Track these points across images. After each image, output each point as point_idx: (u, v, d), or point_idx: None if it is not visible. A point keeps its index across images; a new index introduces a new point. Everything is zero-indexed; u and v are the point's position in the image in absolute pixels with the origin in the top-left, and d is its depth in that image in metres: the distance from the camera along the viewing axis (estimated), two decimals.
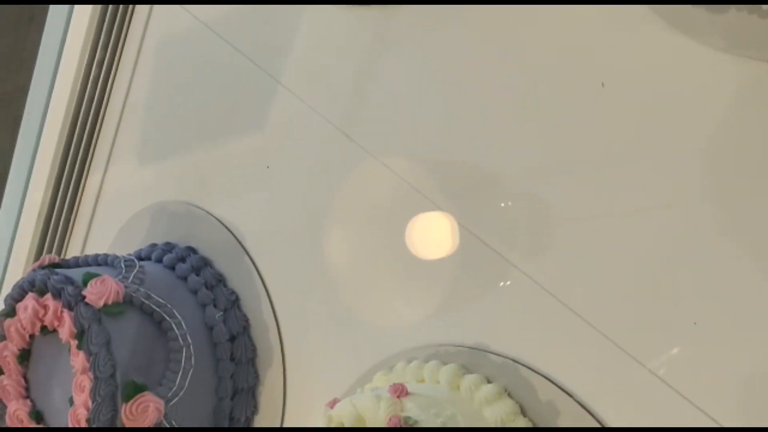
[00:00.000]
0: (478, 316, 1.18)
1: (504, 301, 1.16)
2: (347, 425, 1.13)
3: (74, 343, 1.32)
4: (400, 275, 1.26)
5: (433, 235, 1.26)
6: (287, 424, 1.39)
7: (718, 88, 1.01)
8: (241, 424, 1.42)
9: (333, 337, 1.34)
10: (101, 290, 1.33)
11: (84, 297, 1.33)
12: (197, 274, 1.46)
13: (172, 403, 1.33)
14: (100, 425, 1.29)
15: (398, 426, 1.06)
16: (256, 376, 1.42)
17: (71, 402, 1.34)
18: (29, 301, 1.38)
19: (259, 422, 1.43)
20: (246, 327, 1.43)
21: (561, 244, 1.11)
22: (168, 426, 1.33)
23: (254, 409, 1.43)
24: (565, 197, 1.11)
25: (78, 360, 1.32)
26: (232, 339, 1.42)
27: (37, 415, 1.42)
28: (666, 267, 1.03)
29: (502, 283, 1.16)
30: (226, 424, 1.41)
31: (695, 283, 1.00)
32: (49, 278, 1.36)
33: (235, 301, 1.44)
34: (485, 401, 1.12)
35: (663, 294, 1.02)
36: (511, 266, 1.14)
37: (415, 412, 1.08)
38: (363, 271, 1.32)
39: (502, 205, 1.17)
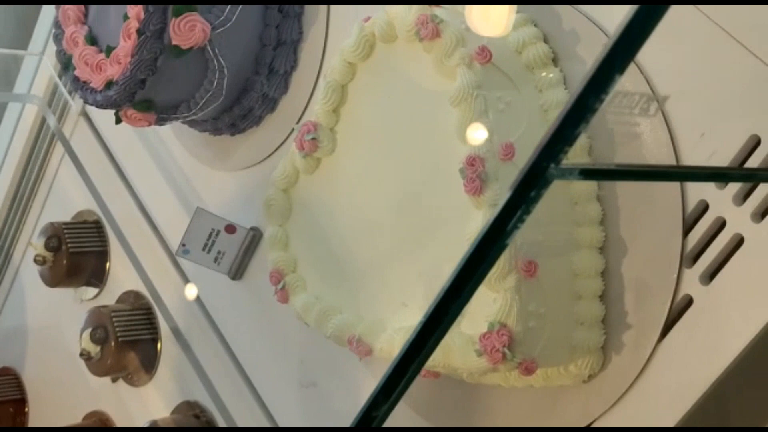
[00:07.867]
0: None
1: None
2: (377, 33, 1.19)
3: None
4: None
5: None
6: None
7: None
8: (279, 76, 1.49)
9: None
10: None
11: None
12: None
13: (217, 32, 1.40)
14: (149, 35, 1.37)
15: (425, 22, 1.11)
16: (300, 32, 1.48)
17: (125, 17, 1.41)
18: None
19: (296, 77, 1.49)
20: None
21: None
22: (212, 53, 1.41)
23: (294, 64, 1.49)
24: None
25: None
26: None
27: (92, 39, 1.50)
28: None
29: None
30: (265, 73, 1.48)
31: None
32: None
33: None
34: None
35: None
36: None
37: (444, 15, 1.12)
38: None
39: None
